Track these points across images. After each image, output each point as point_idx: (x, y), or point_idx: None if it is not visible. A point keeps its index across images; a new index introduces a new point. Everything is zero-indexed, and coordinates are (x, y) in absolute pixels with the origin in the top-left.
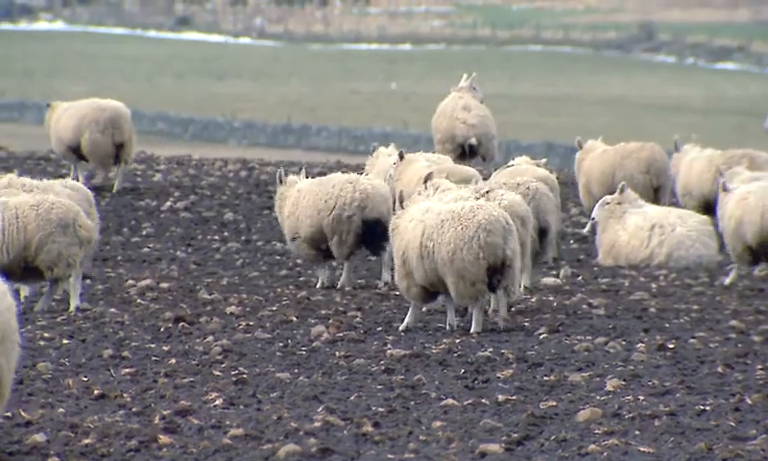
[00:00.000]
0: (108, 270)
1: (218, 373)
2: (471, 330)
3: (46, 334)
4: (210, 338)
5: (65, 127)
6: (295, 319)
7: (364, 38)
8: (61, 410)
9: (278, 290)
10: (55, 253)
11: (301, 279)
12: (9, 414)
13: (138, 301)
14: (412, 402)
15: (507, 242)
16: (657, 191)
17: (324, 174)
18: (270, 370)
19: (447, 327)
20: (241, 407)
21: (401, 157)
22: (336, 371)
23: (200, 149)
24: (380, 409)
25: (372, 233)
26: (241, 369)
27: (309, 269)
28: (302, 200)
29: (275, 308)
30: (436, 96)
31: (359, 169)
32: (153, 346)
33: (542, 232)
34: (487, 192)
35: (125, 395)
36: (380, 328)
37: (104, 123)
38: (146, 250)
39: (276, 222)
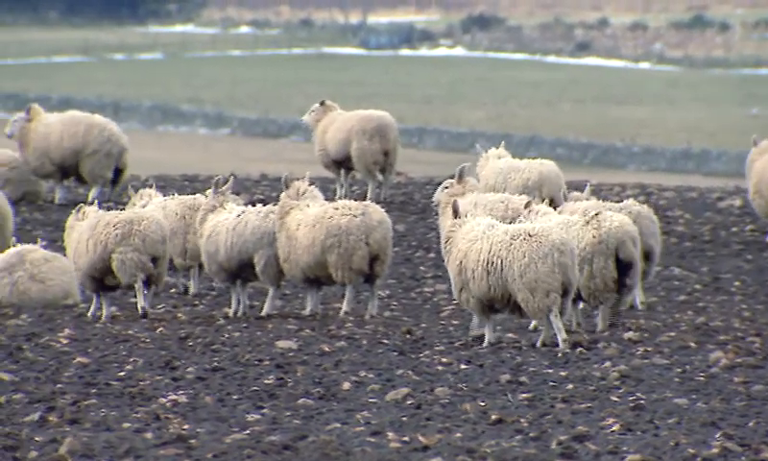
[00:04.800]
0: None
1: (615, 398)
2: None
3: (444, 359)
4: (608, 363)
5: (332, 139)
6: (693, 345)
7: (765, 63)
8: (459, 435)
9: (676, 316)
10: None
11: (699, 304)
12: (407, 438)
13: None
14: None
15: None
16: None
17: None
18: (667, 396)
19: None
20: (638, 433)
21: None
22: (734, 397)
23: (598, 174)
24: None
25: None
26: (639, 394)
27: (708, 295)
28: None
29: (673, 334)
30: None
31: None
32: (550, 371)
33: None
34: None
35: (522, 420)
36: None
37: (371, 132)
38: None
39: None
